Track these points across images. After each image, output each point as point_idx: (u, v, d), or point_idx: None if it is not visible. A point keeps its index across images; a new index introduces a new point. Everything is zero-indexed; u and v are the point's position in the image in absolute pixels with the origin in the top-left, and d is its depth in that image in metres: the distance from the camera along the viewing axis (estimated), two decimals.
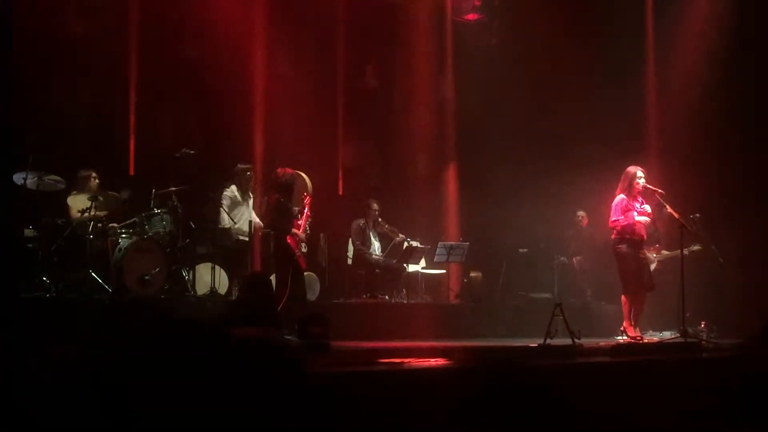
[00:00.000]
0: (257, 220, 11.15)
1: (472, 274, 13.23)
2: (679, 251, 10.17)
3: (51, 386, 4.81)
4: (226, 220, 11.01)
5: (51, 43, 11.19)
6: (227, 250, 11.11)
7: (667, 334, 10.38)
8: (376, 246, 12.50)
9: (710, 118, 12.75)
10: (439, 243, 12.65)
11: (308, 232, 10.00)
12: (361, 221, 12.42)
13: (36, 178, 9.57)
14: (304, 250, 9.83)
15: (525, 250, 13.59)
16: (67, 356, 5.95)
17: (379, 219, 12.50)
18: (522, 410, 5.96)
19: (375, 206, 12.48)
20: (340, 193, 14.00)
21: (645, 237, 9.93)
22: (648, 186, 9.72)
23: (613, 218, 9.69)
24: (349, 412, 5.35)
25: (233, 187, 11.20)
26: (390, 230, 12.55)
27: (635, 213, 9.69)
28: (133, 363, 5.24)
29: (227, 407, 4.90)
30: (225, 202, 11.05)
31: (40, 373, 5.48)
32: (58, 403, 4.61)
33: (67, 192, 10.07)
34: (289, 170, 9.63)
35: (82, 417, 4.56)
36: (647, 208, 9.76)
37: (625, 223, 9.62)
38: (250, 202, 11.33)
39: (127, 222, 10.27)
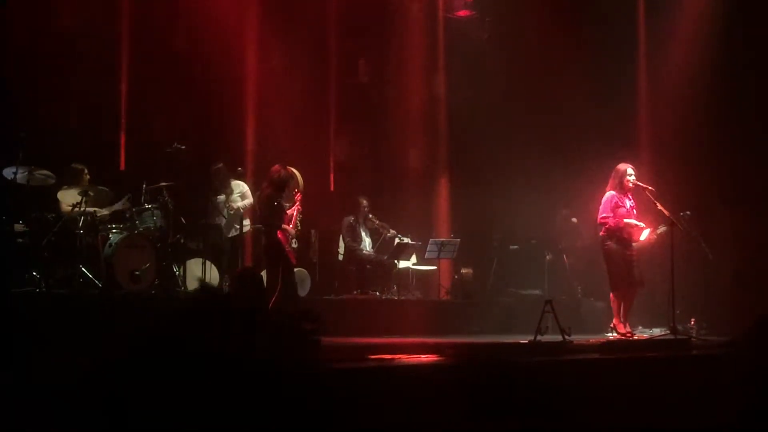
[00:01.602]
0: (242, 203, 11.22)
1: (463, 271, 13.24)
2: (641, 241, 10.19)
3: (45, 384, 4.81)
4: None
5: (42, 38, 11.15)
6: (218, 246, 11.11)
7: (656, 331, 10.41)
8: (366, 242, 12.49)
9: (702, 115, 12.77)
10: (430, 239, 12.66)
11: (299, 227, 10.01)
12: (351, 218, 12.42)
13: (26, 173, 9.52)
14: (294, 245, 9.83)
15: (516, 246, 13.62)
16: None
17: (369, 215, 12.49)
18: (512, 406, 5.98)
19: (365, 203, 12.47)
20: (332, 189, 14.00)
21: (633, 236, 9.93)
22: (638, 183, 9.73)
23: (603, 215, 9.70)
24: (339, 407, 5.36)
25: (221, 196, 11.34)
26: (380, 226, 12.55)
27: (624, 210, 9.68)
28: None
29: (224, 402, 4.92)
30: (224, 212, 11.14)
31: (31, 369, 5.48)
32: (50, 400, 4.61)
33: (57, 186, 10.03)
34: (285, 168, 9.64)
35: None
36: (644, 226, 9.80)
37: (614, 222, 9.63)
38: (226, 194, 11.35)
39: (117, 216, 10.25)
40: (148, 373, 5.28)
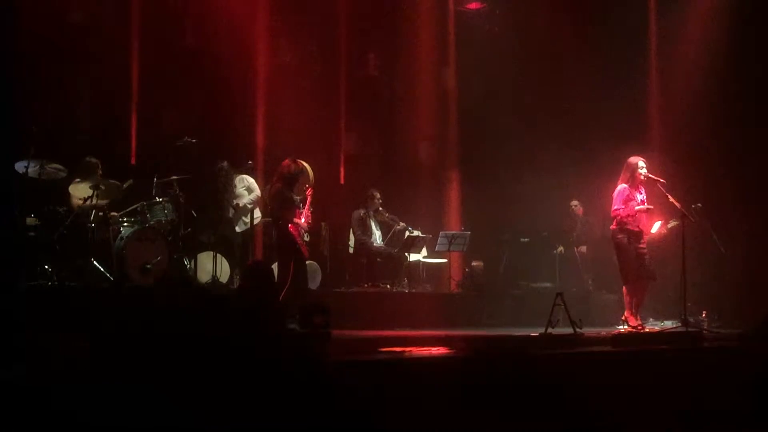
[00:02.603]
0: (247, 200, 11.21)
1: (474, 264, 13.23)
2: (652, 234, 10.17)
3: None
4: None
5: (53, 33, 11.17)
6: (229, 239, 11.13)
7: (668, 324, 10.39)
8: (377, 235, 12.49)
9: (713, 107, 12.73)
10: (441, 232, 12.66)
11: (310, 222, 10.02)
12: (362, 211, 12.41)
13: (38, 167, 9.54)
14: (306, 239, 9.84)
15: (526, 239, 13.60)
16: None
17: (380, 208, 12.48)
18: (523, 399, 5.98)
19: (377, 195, 12.46)
20: (342, 182, 13.99)
21: (645, 228, 9.91)
22: (650, 176, 9.70)
23: (615, 207, 9.67)
24: (350, 400, 5.37)
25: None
26: (390, 219, 12.54)
27: (636, 203, 9.66)
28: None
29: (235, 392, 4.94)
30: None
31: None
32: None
33: (68, 180, 10.06)
34: (296, 162, 9.64)
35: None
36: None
37: (626, 213, 9.61)
38: (228, 192, 11.31)
39: (129, 210, 10.27)
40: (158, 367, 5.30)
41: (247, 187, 11.37)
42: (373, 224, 12.48)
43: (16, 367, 5.13)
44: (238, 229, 11.25)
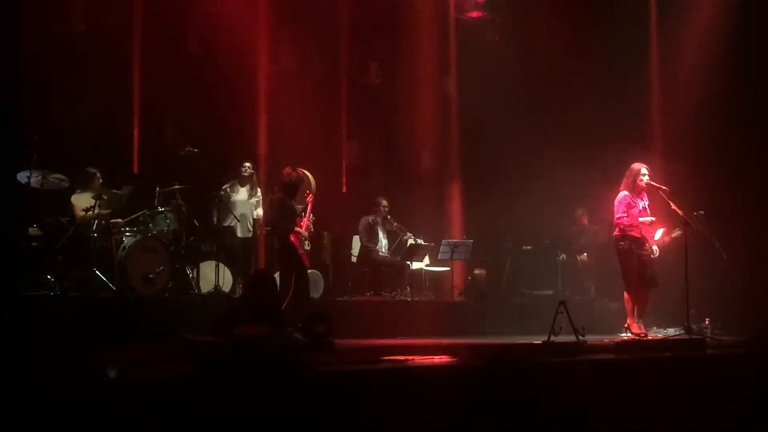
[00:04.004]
0: (260, 211, 11.25)
1: (476, 272, 13.22)
2: (655, 241, 10.16)
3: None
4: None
5: (55, 42, 11.20)
6: (231, 248, 11.13)
7: (671, 331, 10.37)
8: (383, 243, 12.47)
9: (715, 115, 12.72)
10: (443, 240, 12.64)
11: (312, 230, 10.03)
12: (370, 218, 12.38)
13: (40, 177, 9.56)
14: (307, 247, 9.83)
15: (529, 247, 13.59)
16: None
17: (388, 216, 12.47)
18: (526, 407, 5.97)
19: (384, 203, 12.42)
20: (344, 190, 14.00)
21: (648, 235, 9.90)
22: (652, 183, 9.70)
23: (618, 215, 9.66)
24: (352, 409, 5.36)
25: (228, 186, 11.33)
26: (398, 228, 12.52)
27: (637, 210, 9.66)
28: None
29: (227, 405, 4.93)
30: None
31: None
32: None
33: (71, 190, 10.07)
34: (296, 171, 9.65)
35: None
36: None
37: (629, 222, 9.60)
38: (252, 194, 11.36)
39: (131, 220, 10.28)
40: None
41: (259, 200, 11.45)
42: (380, 232, 12.46)
43: (16, 376, 5.13)
44: (240, 234, 11.24)
